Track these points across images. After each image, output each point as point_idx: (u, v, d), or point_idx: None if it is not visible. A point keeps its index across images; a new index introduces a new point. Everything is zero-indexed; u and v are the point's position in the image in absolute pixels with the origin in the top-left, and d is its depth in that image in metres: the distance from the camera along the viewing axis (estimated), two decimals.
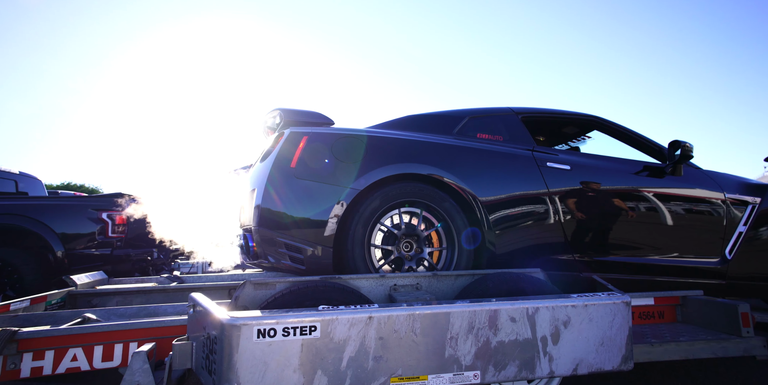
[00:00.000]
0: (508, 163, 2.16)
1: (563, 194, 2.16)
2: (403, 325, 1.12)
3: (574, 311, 1.25)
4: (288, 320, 1.02)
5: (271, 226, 1.82)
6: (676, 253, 2.28)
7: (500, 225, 2.04)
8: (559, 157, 2.26)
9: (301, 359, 1.02)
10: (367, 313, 1.09)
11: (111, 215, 4.44)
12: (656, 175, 2.33)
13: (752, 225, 2.33)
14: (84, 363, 1.25)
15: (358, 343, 1.07)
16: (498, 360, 1.17)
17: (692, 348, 1.64)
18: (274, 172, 1.86)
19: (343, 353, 1.06)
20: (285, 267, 1.88)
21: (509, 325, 1.20)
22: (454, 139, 2.20)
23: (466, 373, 1.15)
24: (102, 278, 2.83)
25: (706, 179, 2.40)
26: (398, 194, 1.93)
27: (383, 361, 1.09)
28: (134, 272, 4.81)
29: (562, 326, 1.24)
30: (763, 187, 2.45)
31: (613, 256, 2.20)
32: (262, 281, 1.54)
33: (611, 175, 2.27)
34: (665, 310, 2.00)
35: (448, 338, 1.15)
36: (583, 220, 2.18)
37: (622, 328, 1.28)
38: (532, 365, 1.20)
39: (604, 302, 1.28)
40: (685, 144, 2.26)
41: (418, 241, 2.00)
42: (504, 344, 1.19)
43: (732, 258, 2.28)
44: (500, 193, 2.09)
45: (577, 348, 1.24)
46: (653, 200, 2.29)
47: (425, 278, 1.71)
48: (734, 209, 2.36)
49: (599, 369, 1.25)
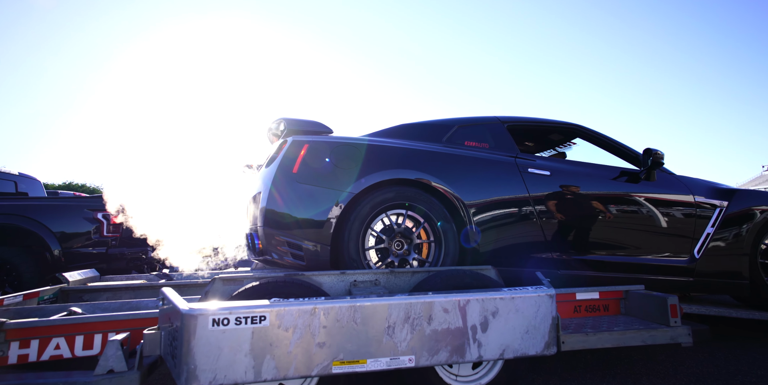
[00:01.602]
0: (492, 169, 2.32)
1: (543, 197, 2.32)
2: (345, 315, 1.27)
3: (502, 302, 1.41)
4: (240, 311, 1.17)
5: (274, 225, 2.00)
6: (648, 252, 2.44)
7: (484, 226, 2.20)
8: (540, 164, 2.42)
9: (252, 344, 1.17)
10: (312, 305, 1.25)
11: (106, 215, 4.58)
12: (631, 180, 2.50)
13: (719, 227, 2.50)
14: (66, 351, 1.40)
15: (304, 331, 1.23)
16: (431, 346, 1.33)
17: (623, 336, 1.80)
18: (278, 177, 2.04)
19: (290, 340, 1.21)
20: (287, 263, 2.06)
21: (442, 315, 1.35)
22: (443, 147, 2.36)
23: (401, 357, 1.31)
24: (93, 276, 2.97)
25: (678, 184, 2.57)
26: (390, 197, 2.10)
27: (327, 347, 1.25)
28: (130, 270, 4.95)
29: (491, 316, 1.40)
30: (731, 192, 2.62)
31: (588, 255, 2.36)
32: (230, 278, 1.69)
33: (589, 180, 2.43)
34: (610, 303, 2.16)
35: (386, 326, 1.30)
36: (561, 221, 2.34)
37: (546, 318, 1.44)
38: (462, 350, 1.36)
39: (529, 294, 1.44)
40: (656, 152, 2.44)
41: (410, 243, 2.15)
42: (437, 332, 1.34)
43: (700, 257, 2.45)
44: (484, 196, 2.25)
45: (504, 335, 1.40)
46: (628, 203, 2.46)
47: (383, 274, 1.87)
48: (703, 212, 2.52)
49: (524, 354, 1.41)
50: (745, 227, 2.51)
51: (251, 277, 1.70)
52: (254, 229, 2.20)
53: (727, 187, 2.68)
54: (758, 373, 1.90)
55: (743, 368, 1.97)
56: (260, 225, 2.04)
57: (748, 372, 1.91)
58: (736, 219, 2.52)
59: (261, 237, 2.07)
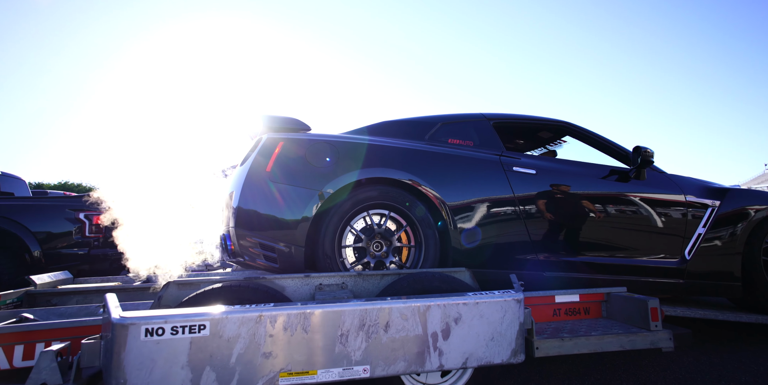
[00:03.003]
0: (475, 167, 2.24)
1: (528, 197, 2.24)
2: (294, 323, 1.19)
3: (465, 308, 1.33)
4: (176, 320, 1.09)
5: (247, 226, 1.93)
6: (638, 253, 2.36)
7: (465, 226, 2.12)
8: (526, 162, 2.34)
9: (190, 356, 1.09)
10: (258, 312, 1.17)
11: (88, 215, 4.48)
12: (621, 179, 2.42)
13: (711, 227, 2.42)
14: (4, 362, 1.32)
15: (248, 340, 1.15)
16: (388, 355, 1.25)
17: (601, 342, 1.72)
18: (251, 176, 1.98)
19: (232, 350, 1.13)
20: (260, 265, 1.99)
21: (400, 322, 1.27)
22: (426, 145, 2.28)
23: (355, 367, 1.23)
24: (65, 278, 2.88)
25: (669, 183, 2.49)
26: (368, 197, 2.02)
27: (273, 357, 1.16)
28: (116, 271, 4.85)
29: (453, 323, 1.31)
30: (723, 191, 2.54)
31: (575, 256, 2.28)
32: (185, 282, 1.61)
33: (576, 179, 2.35)
34: (591, 306, 2.08)
35: (338, 334, 1.22)
36: (547, 221, 2.26)
37: (513, 323, 1.36)
38: (422, 359, 1.28)
39: (495, 299, 1.36)
40: (645, 150, 2.36)
41: (389, 244, 2.08)
42: (395, 340, 1.26)
43: (690, 258, 2.37)
44: (467, 195, 2.17)
45: (467, 343, 1.32)
46: (617, 202, 2.38)
47: (351, 277, 1.79)
48: (694, 212, 2.45)
49: (489, 362, 1.33)
50: (737, 226, 2.43)
51: (208, 281, 1.62)
52: (227, 230, 2.13)
53: (720, 186, 2.61)
54: (743, 379, 1.83)
55: (727, 373, 1.90)
56: (232, 226, 1.98)
57: (732, 378, 1.84)
58: (728, 219, 2.44)
59: (233, 238, 1.99)
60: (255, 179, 1.97)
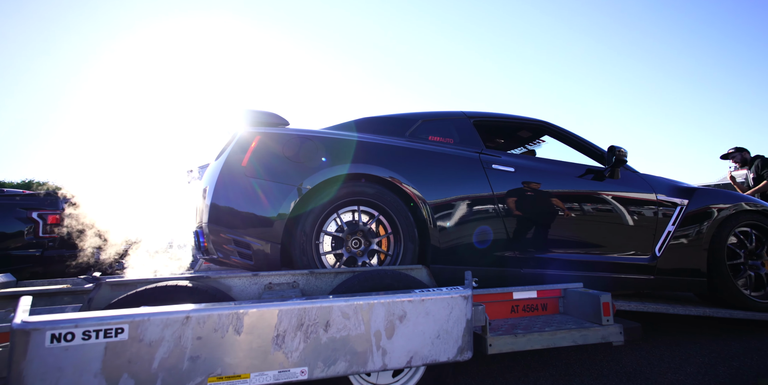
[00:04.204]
0: (455, 164, 2.22)
1: (506, 194, 2.24)
2: (225, 324, 1.12)
3: (410, 305, 1.29)
4: (89, 323, 1.00)
5: (220, 222, 1.86)
6: (612, 250, 2.40)
7: (445, 223, 2.10)
8: (505, 160, 2.34)
9: (104, 363, 1.00)
10: (184, 313, 1.09)
11: (42, 215, 4.22)
12: (596, 178, 2.46)
13: (679, 224, 2.49)
14: None
15: (172, 344, 1.07)
16: (328, 356, 1.20)
17: (554, 337, 1.73)
18: (226, 171, 1.90)
19: (154, 355, 1.05)
20: (234, 263, 1.92)
21: (341, 321, 1.22)
22: (406, 142, 2.25)
23: (292, 369, 1.17)
24: (7, 281, 2.68)
25: (641, 182, 2.55)
26: (347, 193, 1.97)
27: (201, 361, 1.09)
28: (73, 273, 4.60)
29: (398, 321, 1.27)
30: (691, 190, 2.62)
31: (552, 253, 2.28)
32: (120, 282, 1.51)
33: (553, 178, 2.37)
34: (548, 302, 2.09)
35: (274, 335, 1.16)
36: (524, 219, 2.26)
37: (460, 321, 1.34)
38: (364, 359, 1.23)
39: (441, 296, 1.33)
40: (619, 149, 2.41)
41: (366, 237, 2.03)
42: (335, 339, 1.21)
43: (660, 255, 2.43)
44: (446, 192, 2.15)
45: (412, 341, 1.28)
46: (592, 200, 2.41)
47: (302, 276, 1.72)
48: (665, 210, 2.51)
49: (434, 361, 1.30)
50: (704, 224, 2.51)
51: (145, 281, 1.52)
52: (200, 226, 2.05)
53: (688, 185, 2.70)
54: (688, 370, 1.87)
55: (674, 365, 1.95)
56: (205, 222, 1.89)
57: (678, 369, 1.88)
58: (695, 217, 2.52)
59: (206, 235, 1.91)
60: (230, 174, 1.90)
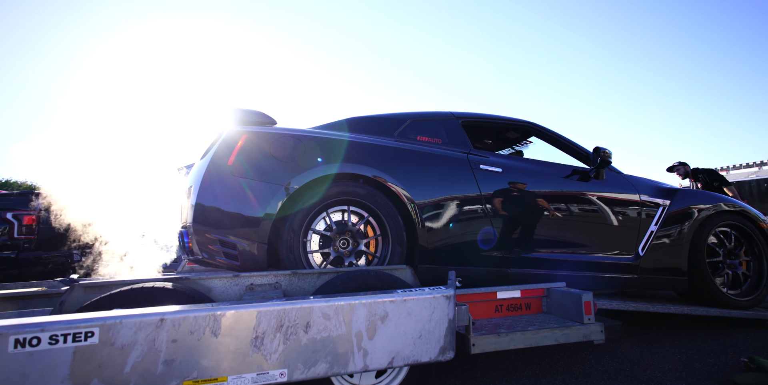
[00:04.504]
0: (443, 164, 2.23)
1: (494, 194, 2.25)
2: (201, 326, 1.09)
3: (392, 306, 1.28)
4: (56, 327, 0.96)
5: (206, 222, 1.82)
6: (597, 250, 2.43)
7: (433, 224, 2.10)
8: (493, 161, 2.35)
9: (73, 368, 0.97)
10: (158, 315, 1.06)
11: (17, 215, 4.09)
12: (582, 178, 2.49)
13: (662, 225, 2.54)
14: None
15: (146, 347, 1.04)
16: (308, 357, 1.18)
17: (536, 336, 1.74)
18: (211, 170, 1.87)
19: (126, 359, 1.02)
20: (220, 263, 1.89)
21: (322, 322, 1.21)
22: (394, 142, 2.24)
23: (271, 372, 1.14)
24: None
25: (625, 183, 2.60)
26: (334, 193, 1.95)
27: (176, 364, 1.06)
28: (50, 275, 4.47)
29: (379, 321, 1.26)
30: (673, 191, 2.69)
31: (539, 253, 2.30)
32: (94, 284, 1.46)
33: (540, 178, 2.39)
34: (532, 301, 2.11)
35: (253, 337, 1.14)
36: (511, 219, 2.27)
37: (442, 320, 1.33)
38: (345, 360, 1.22)
39: (424, 296, 1.32)
40: (604, 151, 2.45)
41: (354, 237, 2.02)
42: (315, 341, 1.19)
43: (644, 255, 2.47)
44: (434, 192, 2.15)
45: (394, 342, 1.27)
46: (578, 201, 2.44)
47: (285, 276, 1.70)
48: (648, 210, 2.56)
49: (416, 361, 1.29)
50: (685, 224, 2.57)
51: (121, 283, 1.48)
52: (185, 226, 2.01)
53: (670, 186, 2.77)
54: (665, 367, 1.91)
55: (653, 362, 1.98)
56: (190, 222, 1.86)
57: (657, 366, 1.92)
58: (677, 217, 2.58)
59: (191, 235, 1.88)
60: (216, 173, 1.87)
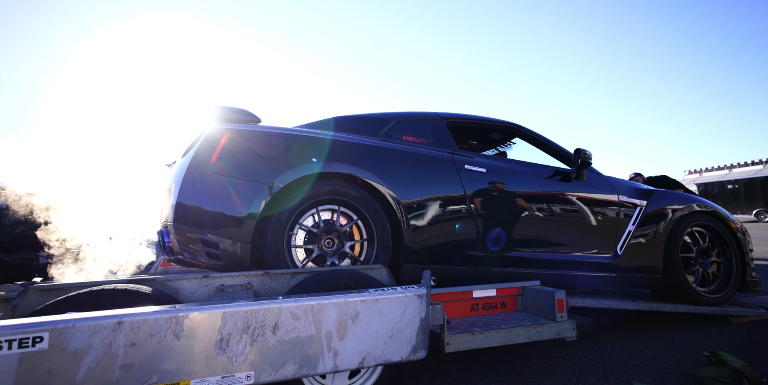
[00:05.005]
0: (428, 164, 2.24)
1: (478, 194, 2.27)
2: (163, 329, 1.05)
3: (363, 305, 1.27)
4: (0, 333, 0.91)
5: (187, 221, 1.78)
6: (577, 249, 2.48)
7: (418, 223, 2.10)
8: (477, 161, 2.37)
9: (18, 376, 0.91)
10: (115, 318, 1.01)
11: None
12: (563, 179, 2.55)
13: (639, 224, 2.62)
14: None
15: (101, 352, 0.99)
16: (276, 359, 1.15)
17: (510, 334, 1.76)
18: (193, 168, 1.83)
19: (79, 365, 0.96)
20: (202, 263, 1.84)
21: (291, 322, 1.18)
22: (380, 141, 2.24)
23: (237, 374, 1.11)
24: None
25: (605, 184, 2.67)
26: (319, 192, 1.93)
27: (134, 369, 1.01)
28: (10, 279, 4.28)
29: (350, 321, 1.25)
30: (649, 192, 2.77)
31: (521, 252, 2.33)
32: (50, 287, 1.39)
33: (523, 179, 2.42)
34: (507, 300, 2.14)
35: (218, 339, 1.10)
36: (495, 219, 2.30)
37: (414, 320, 1.33)
38: (314, 361, 1.19)
39: (395, 295, 1.31)
40: (585, 152, 2.51)
41: (339, 237, 2.00)
42: (284, 342, 1.17)
43: (622, 253, 2.54)
44: (419, 192, 2.15)
45: (365, 341, 1.26)
46: (559, 201, 2.48)
47: (257, 277, 1.66)
48: (626, 210, 2.63)
49: (387, 360, 1.28)
50: (660, 224, 2.66)
51: (79, 285, 1.41)
52: (165, 225, 1.96)
53: (646, 187, 2.86)
54: (635, 363, 1.96)
55: (623, 358, 2.03)
56: (171, 221, 1.81)
57: (627, 363, 1.97)
58: (653, 217, 2.67)
59: (172, 234, 1.83)
60: (198, 171, 1.82)
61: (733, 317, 2.73)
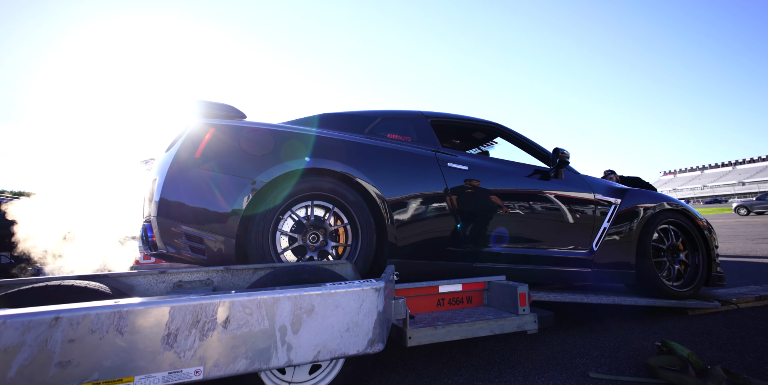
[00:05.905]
0: (412, 161, 2.27)
1: (460, 191, 2.31)
2: (105, 324, 1.02)
3: (319, 299, 1.26)
4: None
5: (171, 216, 1.76)
6: (555, 245, 2.55)
7: (402, 220, 2.12)
8: (460, 159, 2.42)
9: None
10: (52, 314, 0.97)
11: None
12: (543, 177, 2.61)
13: (613, 222, 2.72)
14: None
15: (35, 349, 0.95)
16: (227, 354, 1.13)
17: (472, 328, 1.79)
18: (177, 162, 1.82)
19: (11, 363, 0.92)
20: (186, 258, 1.82)
21: (243, 316, 1.16)
22: (365, 138, 2.25)
23: (185, 370, 1.09)
24: None
25: (581, 182, 2.75)
26: (304, 188, 1.93)
27: (73, 366, 0.98)
28: None
29: (305, 315, 1.24)
30: (623, 190, 2.87)
31: (501, 248, 2.38)
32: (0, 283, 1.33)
33: (504, 177, 2.48)
34: (473, 295, 2.17)
35: (165, 334, 1.07)
36: (476, 215, 2.34)
37: (371, 313, 1.33)
38: (267, 355, 1.18)
39: (352, 289, 1.31)
40: (563, 151, 2.59)
41: (325, 234, 2.01)
42: (236, 336, 1.15)
43: (597, 250, 2.63)
44: (403, 189, 2.17)
45: (320, 335, 1.25)
46: (538, 199, 2.54)
47: (218, 272, 1.63)
48: (602, 208, 2.72)
49: (343, 354, 1.28)
50: (633, 222, 2.76)
51: (25, 281, 1.35)
52: (148, 220, 1.94)
53: (621, 186, 2.96)
54: (594, 354, 2.03)
55: (583, 350, 2.10)
56: (154, 215, 1.79)
57: (586, 354, 2.03)
58: (627, 215, 2.77)
59: (155, 229, 1.81)
60: (182, 165, 1.81)
61: (690, 309, 2.86)
